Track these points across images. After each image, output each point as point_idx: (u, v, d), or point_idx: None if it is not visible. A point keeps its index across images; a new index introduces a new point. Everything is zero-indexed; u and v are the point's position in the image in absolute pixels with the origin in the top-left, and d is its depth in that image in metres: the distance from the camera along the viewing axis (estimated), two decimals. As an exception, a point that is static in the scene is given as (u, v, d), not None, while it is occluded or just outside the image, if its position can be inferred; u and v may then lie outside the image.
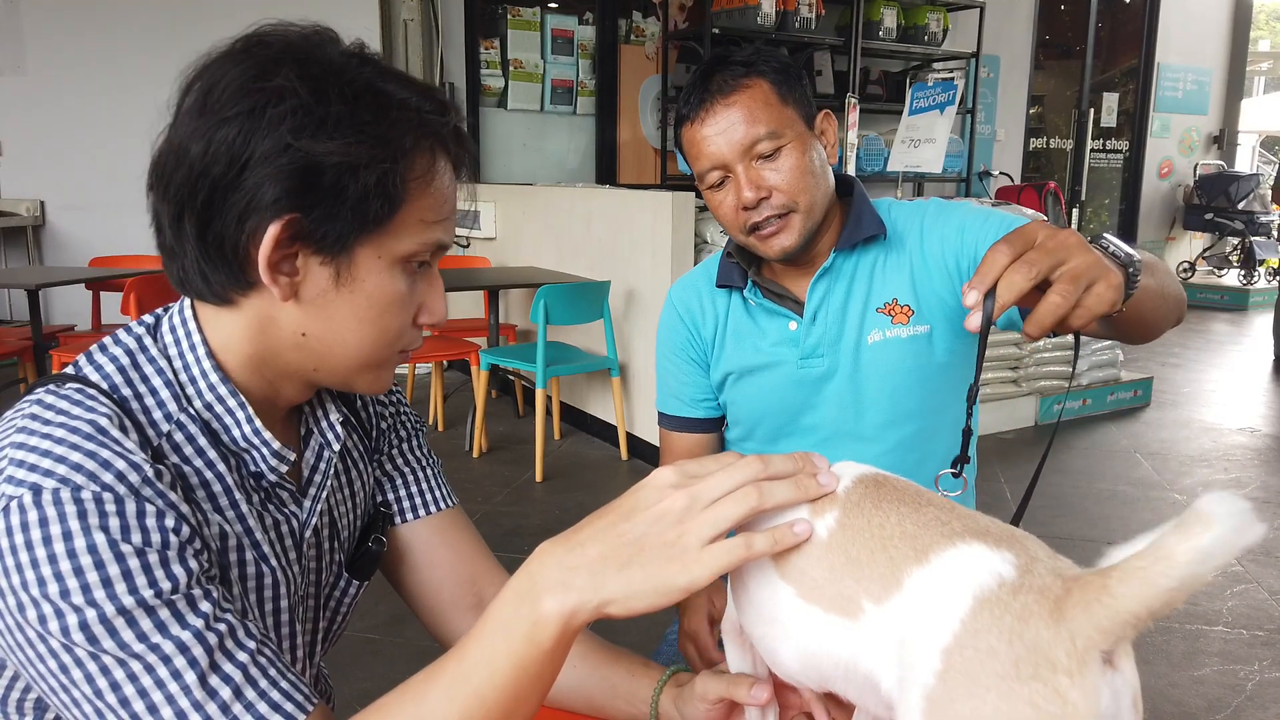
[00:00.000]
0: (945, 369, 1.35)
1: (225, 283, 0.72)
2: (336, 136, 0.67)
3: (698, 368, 1.47)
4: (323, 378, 0.78)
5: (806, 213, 1.28)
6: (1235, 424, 4.90)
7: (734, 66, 1.26)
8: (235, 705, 0.64)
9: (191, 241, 0.70)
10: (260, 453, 0.76)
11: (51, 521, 0.62)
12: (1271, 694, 2.38)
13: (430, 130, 0.72)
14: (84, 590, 0.61)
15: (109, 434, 0.66)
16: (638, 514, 0.61)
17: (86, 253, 5.06)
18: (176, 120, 0.71)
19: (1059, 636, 0.50)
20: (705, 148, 1.27)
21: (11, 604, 0.62)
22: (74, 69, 5.18)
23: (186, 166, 0.69)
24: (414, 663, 0.66)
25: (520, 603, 0.62)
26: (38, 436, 0.65)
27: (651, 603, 0.60)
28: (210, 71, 0.70)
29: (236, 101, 0.68)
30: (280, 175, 0.67)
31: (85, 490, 0.63)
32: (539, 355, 3.79)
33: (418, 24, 5.68)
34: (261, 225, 0.68)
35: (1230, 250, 9.68)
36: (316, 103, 0.67)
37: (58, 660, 0.62)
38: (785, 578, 0.62)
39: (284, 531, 0.80)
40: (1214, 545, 0.47)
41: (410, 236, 0.73)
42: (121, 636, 0.62)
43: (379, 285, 0.73)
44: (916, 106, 5.26)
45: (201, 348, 0.75)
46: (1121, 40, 9.34)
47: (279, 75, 0.68)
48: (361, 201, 0.69)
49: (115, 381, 0.72)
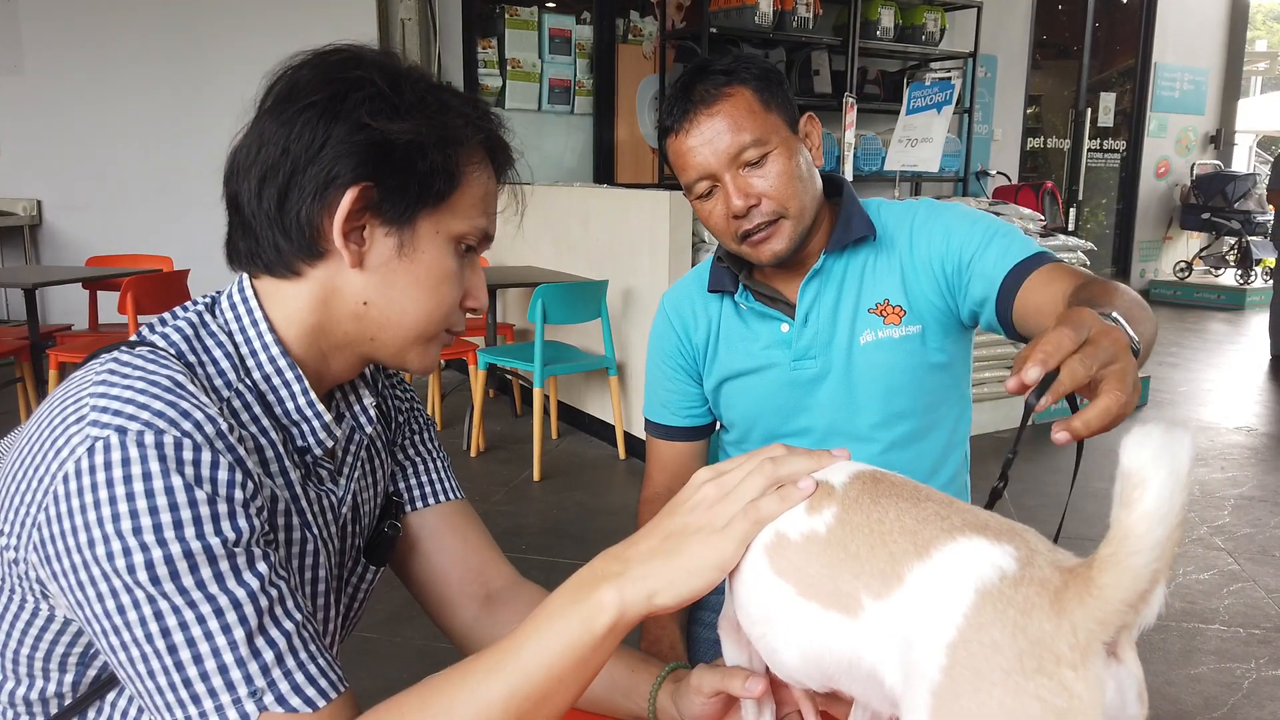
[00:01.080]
0: (938, 368, 1.35)
1: (296, 253, 0.78)
2: (407, 119, 0.75)
3: (687, 377, 1.47)
4: (378, 350, 0.83)
5: (797, 217, 1.28)
6: (1232, 423, 4.91)
7: (715, 75, 1.26)
8: (275, 670, 0.66)
9: (270, 214, 0.77)
10: (311, 425, 0.81)
11: (134, 462, 0.65)
12: (1268, 692, 2.38)
13: (483, 129, 0.81)
14: (156, 529, 0.64)
15: (186, 388, 0.70)
16: (678, 509, 0.69)
17: (83, 252, 5.05)
18: (259, 115, 0.78)
19: (1061, 629, 0.50)
20: (691, 159, 1.27)
21: (83, 540, 0.64)
22: (72, 69, 5.17)
23: (270, 148, 0.76)
24: (412, 662, 0.66)
25: (579, 590, 0.67)
26: (119, 388, 0.68)
27: (692, 586, 0.65)
28: (291, 73, 0.78)
29: (320, 89, 0.75)
30: (357, 150, 0.75)
31: (167, 435, 0.66)
32: (536, 354, 3.79)
33: (415, 23, 5.68)
34: (337, 195, 0.75)
35: (1227, 250, 9.68)
36: (392, 91, 0.76)
37: (117, 600, 0.64)
38: (782, 576, 0.62)
39: (325, 505, 0.84)
40: (1159, 502, 0.47)
41: (464, 218, 0.81)
42: (183, 580, 0.65)
43: (436, 258, 0.80)
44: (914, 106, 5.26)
45: (264, 322, 0.79)
46: (1118, 40, 9.35)
47: (359, 69, 0.76)
48: (427, 177, 0.77)
49: (181, 349, 0.76)
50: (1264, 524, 3.49)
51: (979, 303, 1.26)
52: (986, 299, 1.24)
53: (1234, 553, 3.21)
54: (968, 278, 1.27)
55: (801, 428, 1.39)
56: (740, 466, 0.69)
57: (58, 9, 5.11)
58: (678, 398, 1.48)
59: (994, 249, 1.24)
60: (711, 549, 0.65)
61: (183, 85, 5.18)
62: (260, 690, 0.65)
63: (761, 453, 0.69)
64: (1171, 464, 0.47)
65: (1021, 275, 1.19)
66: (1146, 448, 0.47)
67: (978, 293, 1.26)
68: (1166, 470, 0.47)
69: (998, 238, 1.26)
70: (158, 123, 5.24)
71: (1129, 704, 0.52)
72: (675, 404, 1.49)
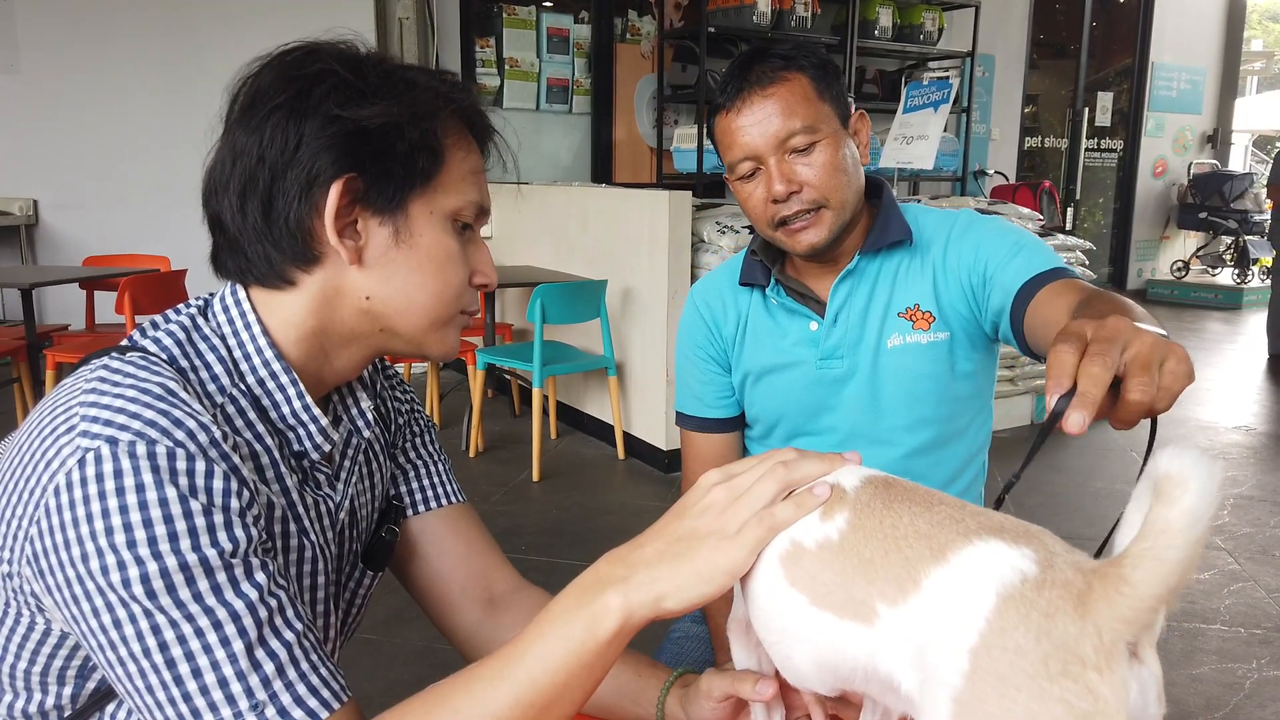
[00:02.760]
0: (964, 377, 1.35)
1: (289, 261, 0.76)
2: (376, 102, 0.73)
3: (717, 367, 1.46)
4: (392, 341, 0.82)
5: (838, 210, 1.27)
6: (1230, 422, 4.91)
7: (773, 59, 1.26)
8: (276, 682, 0.65)
9: (258, 227, 0.75)
10: (308, 429, 0.79)
11: (126, 474, 0.63)
12: (1269, 692, 2.38)
13: (454, 100, 0.79)
14: (150, 543, 0.63)
15: (178, 395, 0.68)
16: (687, 512, 0.67)
17: (80, 252, 5.04)
18: (227, 128, 0.76)
19: (1085, 631, 0.49)
20: (739, 138, 1.27)
21: (76, 554, 0.63)
22: (68, 68, 5.15)
23: (245, 159, 0.74)
24: (412, 663, 0.66)
25: (584, 594, 0.65)
26: (110, 396, 0.67)
27: (701, 591, 0.63)
28: (252, 79, 0.76)
29: (282, 90, 0.74)
30: (332, 143, 0.73)
31: (160, 445, 0.64)
32: (535, 354, 3.78)
33: (413, 22, 5.66)
34: (323, 193, 0.73)
35: (1224, 249, 9.70)
36: (355, 78, 0.74)
37: (113, 615, 0.63)
38: (796, 585, 0.62)
39: (323, 511, 0.82)
40: (1199, 500, 0.48)
41: (456, 193, 0.79)
42: (179, 594, 0.63)
43: (434, 240, 0.78)
44: (911, 105, 5.25)
45: (257, 325, 0.78)
46: (1116, 39, 9.36)
47: (318, 62, 0.74)
48: (409, 157, 0.75)
49: (174, 354, 0.74)
50: (1264, 523, 3.49)
51: (997, 313, 1.26)
52: (1003, 309, 1.23)
53: (1234, 552, 3.21)
54: (990, 289, 1.26)
55: (825, 427, 1.39)
56: (751, 470, 0.67)
57: (54, 8, 5.09)
58: (709, 388, 1.47)
59: (1017, 261, 1.23)
60: (723, 555, 0.63)
61: (180, 84, 5.16)
62: (262, 703, 0.64)
63: (772, 456, 0.67)
64: (1210, 470, 0.48)
65: (1036, 287, 1.18)
66: (1186, 456, 0.49)
67: (996, 303, 1.25)
68: (1206, 474, 0.48)
69: (1023, 251, 1.24)
70: (155, 122, 5.22)
71: (1150, 704, 0.51)
72: (707, 394, 1.47)
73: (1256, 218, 9.15)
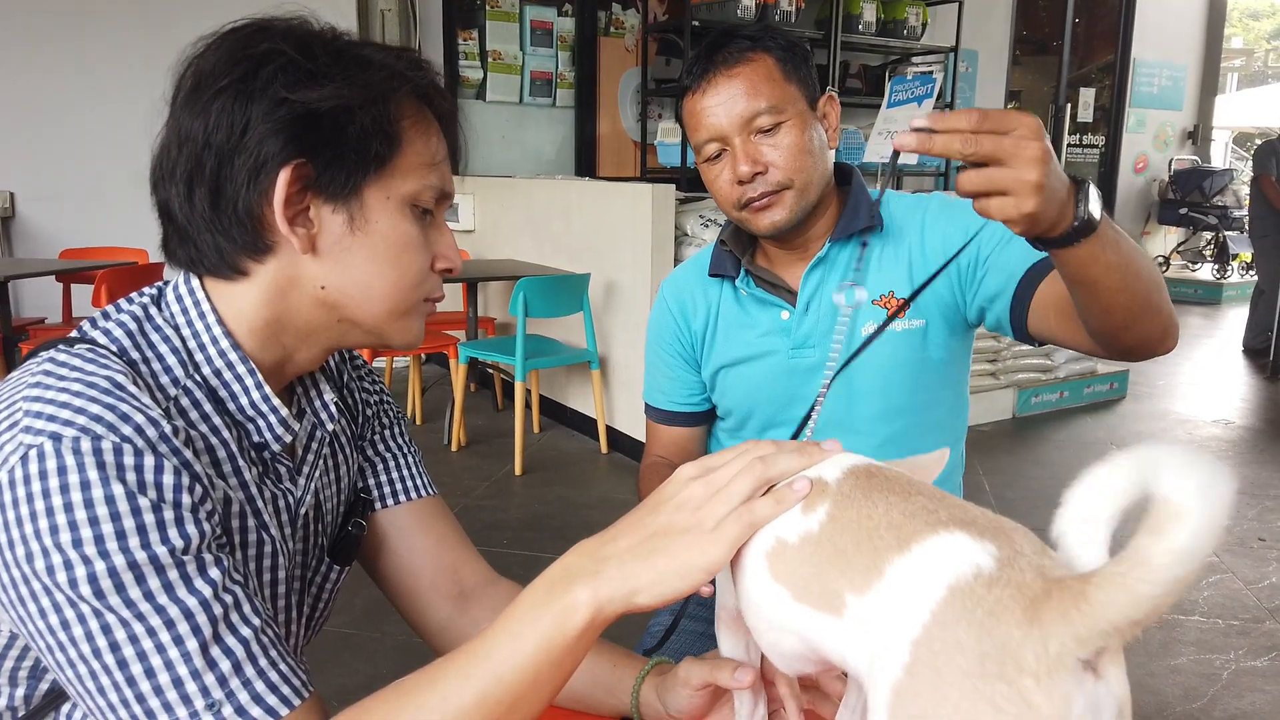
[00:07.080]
0: (938, 365, 1.34)
1: (240, 251, 0.73)
2: (327, 84, 0.70)
3: (684, 364, 1.45)
4: (352, 332, 0.79)
5: (801, 191, 1.26)
6: (1210, 416, 4.95)
7: (740, 40, 1.26)
8: (233, 680, 0.63)
9: (206, 216, 0.72)
10: (267, 420, 0.77)
11: (70, 470, 0.61)
12: (1247, 682, 2.40)
13: (411, 79, 0.75)
14: (97, 541, 0.61)
15: (126, 389, 0.66)
16: (662, 506, 0.65)
17: (57, 245, 4.98)
18: (173, 111, 0.73)
19: (1030, 637, 0.47)
20: (705, 119, 1.26)
21: (20, 554, 0.61)
22: (43, 59, 5.08)
23: (190, 144, 0.71)
24: (393, 658, 0.65)
25: (551, 589, 0.63)
26: (54, 390, 0.64)
27: (676, 587, 0.62)
28: (197, 60, 0.73)
29: (228, 72, 0.70)
30: (281, 127, 0.70)
31: (105, 440, 0.62)
32: (518, 348, 3.77)
33: (395, 14, 5.62)
34: (272, 179, 0.70)
35: (1204, 245, 9.78)
36: (304, 58, 0.70)
37: (60, 615, 0.61)
38: (778, 579, 0.61)
39: (281, 506, 0.80)
40: (1194, 541, 0.43)
41: (413, 177, 0.75)
42: (129, 593, 0.61)
43: (391, 226, 0.75)
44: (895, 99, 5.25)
45: (211, 315, 0.75)
46: (1098, 36, 9.40)
47: (265, 42, 0.71)
48: (362, 142, 0.72)
49: (124, 345, 0.72)
50: (1241, 515, 3.52)
51: (990, 298, 1.24)
52: (1000, 294, 1.22)
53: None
54: (983, 272, 1.24)
55: (797, 417, 1.38)
56: (728, 465, 0.65)
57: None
58: (675, 385, 1.46)
59: (1018, 244, 1.21)
60: (700, 552, 0.61)
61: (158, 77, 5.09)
62: (218, 702, 0.62)
63: (750, 450, 0.65)
64: (1214, 505, 0.43)
65: (1042, 273, 1.17)
66: (1192, 479, 0.44)
67: (992, 287, 1.23)
68: (1208, 511, 0.43)
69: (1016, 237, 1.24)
70: (132, 114, 5.15)
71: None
72: (673, 390, 1.47)
73: (1236, 213, 9.23)
